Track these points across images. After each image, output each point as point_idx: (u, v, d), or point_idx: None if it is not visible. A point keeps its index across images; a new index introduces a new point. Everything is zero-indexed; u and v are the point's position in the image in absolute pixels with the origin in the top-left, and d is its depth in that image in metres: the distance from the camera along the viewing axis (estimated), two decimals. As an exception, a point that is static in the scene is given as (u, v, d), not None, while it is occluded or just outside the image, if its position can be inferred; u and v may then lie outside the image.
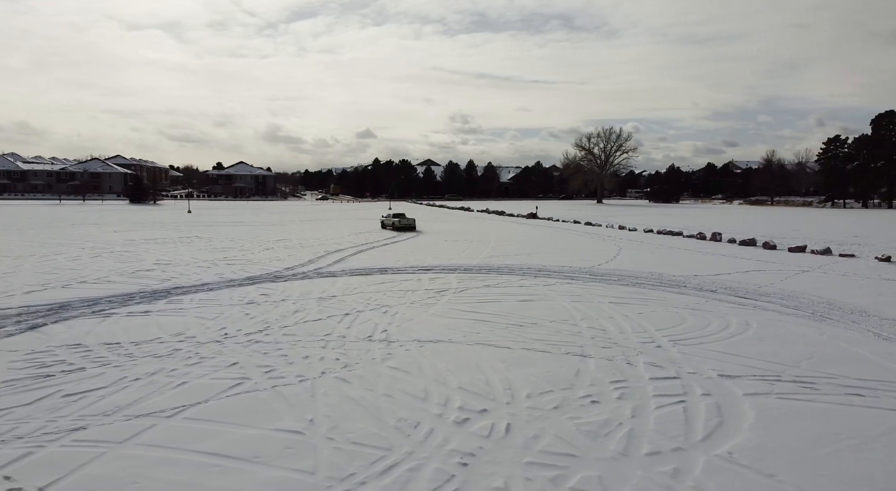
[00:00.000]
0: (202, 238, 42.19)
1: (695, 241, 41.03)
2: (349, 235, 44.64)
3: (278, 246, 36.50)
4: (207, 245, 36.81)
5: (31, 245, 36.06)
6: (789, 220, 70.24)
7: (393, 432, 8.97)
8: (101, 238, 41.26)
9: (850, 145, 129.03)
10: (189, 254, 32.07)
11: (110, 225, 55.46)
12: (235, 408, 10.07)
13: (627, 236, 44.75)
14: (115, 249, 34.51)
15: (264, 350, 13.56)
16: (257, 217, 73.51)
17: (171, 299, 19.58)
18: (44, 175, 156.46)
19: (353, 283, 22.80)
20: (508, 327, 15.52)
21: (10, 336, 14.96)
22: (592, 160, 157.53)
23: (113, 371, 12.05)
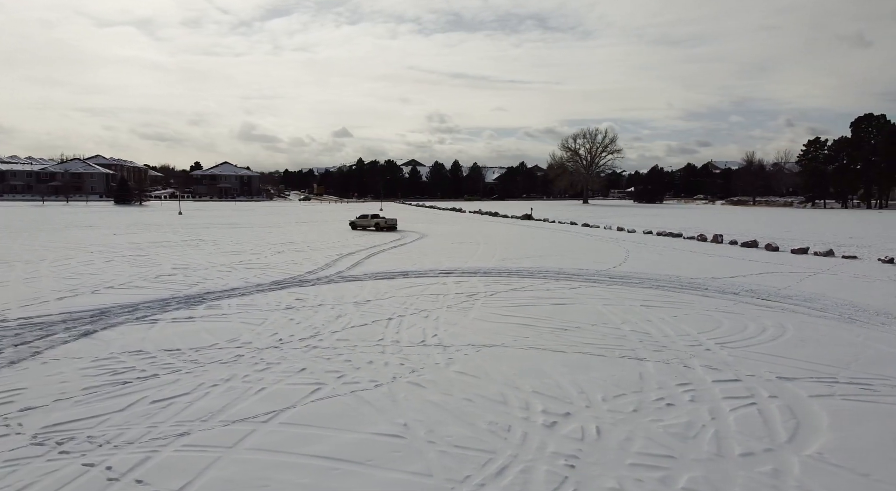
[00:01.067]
0: (206, 241, 42.21)
1: (697, 242, 41.93)
2: (353, 238, 44.90)
3: (288, 249, 36.70)
4: (217, 249, 36.90)
5: (35, 249, 35.90)
6: (777, 220, 71.72)
7: (489, 436, 9.41)
8: (103, 241, 41.12)
9: (829, 147, 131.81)
10: (203, 258, 32.18)
11: (105, 228, 55.10)
12: (324, 412, 10.44)
13: (629, 238, 45.56)
14: (123, 252, 34.49)
15: (326, 355, 13.92)
16: (250, 218, 73.41)
17: (208, 305, 19.82)
18: (23, 175, 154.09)
19: (381, 287, 23.17)
20: (554, 331, 16.02)
21: (65, 343, 15.16)
22: (578, 161, 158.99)
23: (187, 378, 12.35)
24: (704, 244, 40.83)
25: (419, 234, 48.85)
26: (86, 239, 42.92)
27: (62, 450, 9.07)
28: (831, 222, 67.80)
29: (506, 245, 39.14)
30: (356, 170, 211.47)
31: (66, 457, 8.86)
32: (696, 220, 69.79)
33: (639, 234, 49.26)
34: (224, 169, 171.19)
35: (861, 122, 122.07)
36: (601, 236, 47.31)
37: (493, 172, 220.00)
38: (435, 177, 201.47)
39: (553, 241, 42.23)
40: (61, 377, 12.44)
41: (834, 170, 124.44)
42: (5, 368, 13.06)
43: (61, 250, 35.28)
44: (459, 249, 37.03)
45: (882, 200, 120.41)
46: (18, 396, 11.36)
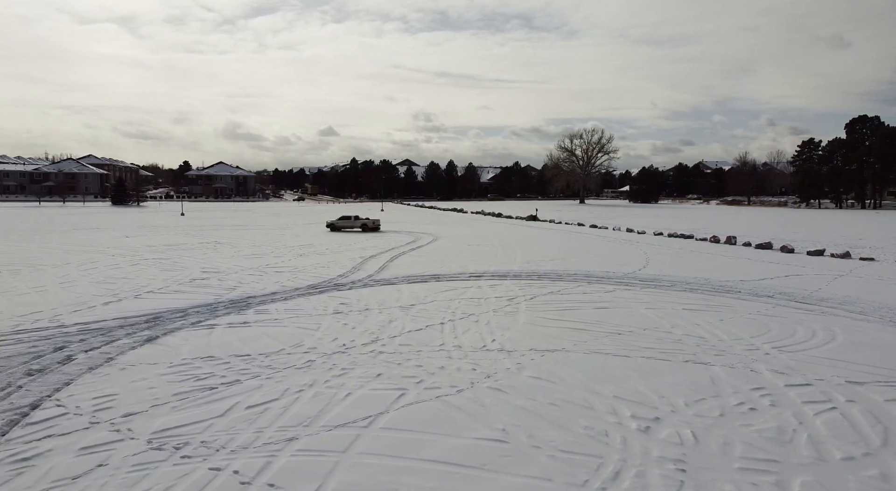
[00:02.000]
0: (223, 244, 42.37)
1: (710, 244, 42.52)
2: (368, 240, 45.17)
3: (308, 252, 36.94)
4: (236, 252, 37.09)
5: (54, 252, 35.99)
6: (779, 220, 72.55)
7: (589, 440, 9.80)
8: (118, 244, 41.20)
9: (823, 148, 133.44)
10: (227, 261, 32.39)
11: (113, 229, 55.10)
12: (419, 418, 10.79)
13: (642, 240, 46.09)
14: (145, 256, 34.64)
15: (395, 361, 14.27)
16: (255, 220, 73.45)
17: (257, 310, 20.12)
18: (16, 176, 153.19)
19: (418, 291, 23.51)
20: (608, 335, 16.44)
21: (133, 348, 15.44)
22: (574, 161, 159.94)
23: (269, 383, 12.67)
24: (719, 246, 41.43)
25: (431, 236, 49.19)
26: (99, 241, 42.99)
27: (183, 455, 9.38)
28: (833, 223, 68.75)
29: (523, 248, 39.56)
30: (350, 170, 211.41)
31: (189, 461, 9.17)
32: (699, 221, 70.52)
33: (649, 236, 49.83)
34: (219, 169, 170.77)
35: (855, 123, 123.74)
36: (613, 238, 47.84)
37: (487, 172, 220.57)
38: (430, 177, 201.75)
39: (568, 244, 42.70)
40: (146, 383, 12.72)
41: (829, 170, 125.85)
42: (87, 375, 13.33)
43: (81, 253, 35.38)
44: (478, 251, 37.41)
45: (876, 201, 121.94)
46: (114, 401, 11.64)
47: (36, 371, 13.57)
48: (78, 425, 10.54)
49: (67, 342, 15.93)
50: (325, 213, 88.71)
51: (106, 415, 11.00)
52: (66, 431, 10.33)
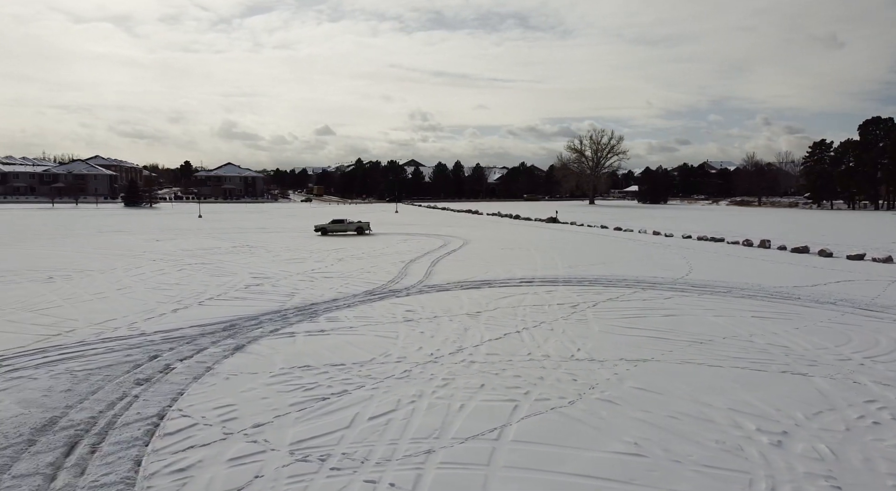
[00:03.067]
0: (256, 247, 42.60)
1: (743, 248, 42.67)
2: (402, 244, 45.34)
3: (346, 256, 37.13)
4: (274, 256, 37.30)
5: (93, 256, 36.23)
6: (798, 222, 72.44)
7: (726, 455, 10.00)
8: (152, 248, 41.43)
9: (836, 149, 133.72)
10: (271, 265, 32.61)
11: (138, 232, 55.31)
12: (544, 431, 11.01)
13: (673, 243, 46.23)
14: (186, 260, 34.86)
15: (492, 371, 14.49)
16: (275, 221, 73.49)
17: (327, 317, 20.36)
18: (26, 177, 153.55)
19: (477, 298, 23.71)
20: (691, 345, 16.65)
21: (225, 358, 15.68)
22: (584, 162, 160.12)
23: (377, 393, 12.90)
24: (753, 249, 41.59)
25: (461, 239, 49.34)
26: (131, 245, 43.19)
27: (332, 466, 9.62)
28: (854, 225, 68.86)
29: (559, 251, 39.73)
30: (355, 170, 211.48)
31: (341, 473, 9.42)
32: (718, 223, 70.51)
33: (678, 239, 49.98)
34: (228, 170, 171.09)
35: (869, 125, 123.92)
36: (643, 241, 47.99)
37: (494, 172, 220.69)
38: (438, 177, 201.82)
39: (602, 248, 42.87)
40: (257, 393, 12.94)
41: (842, 171, 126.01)
42: (194, 384, 13.57)
43: (121, 258, 35.60)
44: (515, 255, 37.60)
45: (890, 202, 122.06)
46: (235, 411, 11.88)
47: (143, 380, 13.81)
48: (214, 436, 10.77)
49: (158, 351, 16.17)
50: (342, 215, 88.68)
51: (235, 425, 11.22)
52: (206, 441, 10.56)
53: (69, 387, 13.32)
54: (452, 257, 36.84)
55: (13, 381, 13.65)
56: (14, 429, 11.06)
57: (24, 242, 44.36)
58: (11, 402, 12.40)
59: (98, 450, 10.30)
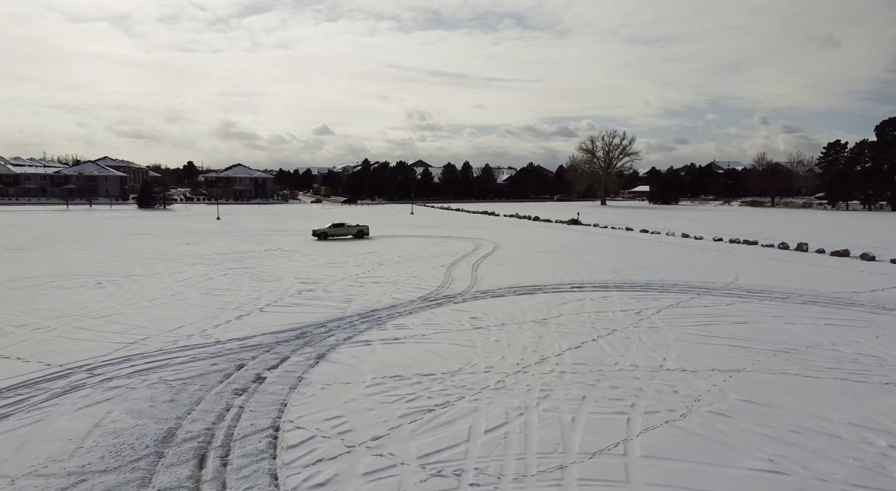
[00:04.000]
0: (289, 251, 42.60)
1: (780, 251, 42.56)
2: (434, 247, 45.28)
3: (385, 261, 37.14)
4: (312, 260, 37.34)
5: (131, 261, 36.31)
6: (821, 224, 71.87)
7: (872, 474, 9.99)
8: (188, 252, 41.49)
9: (851, 150, 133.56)
10: (314, 270, 32.64)
11: (163, 235, 55.33)
12: (668, 446, 11.02)
13: (708, 246, 46.10)
14: (226, 265, 34.91)
15: (587, 381, 14.50)
16: (292, 223, 73.19)
17: (393, 324, 20.42)
18: (37, 179, 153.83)
19: (535, 304, 23.73)
20: (777, 354, 16.65)
21: (312, 367, 15.74)
22: (596, 163, 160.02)
23: (482, 406, 12.93)
24: (791, 253, 41.50)
25: (490, 242, 49.27)
26: (163, 249, 43.23)
27: (471, 482, 9.65)
28: (878, 226, 68.60)
29: (595, 255, 39.69)
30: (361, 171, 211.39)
31: (482, 489, 9.40)
32: (741, 224, 70.15)
33: (708, 241, 49.86)
34: (238, 171, 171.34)
35: (886, 125, 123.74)
36: (675, 244, 47.90)
37: (502, 173, 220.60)
38: (447, 178, 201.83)
39: (636, 250, 42.80)
40: (360, 404, 12.98)
41: (859, 172, 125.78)
42: (293, 395, 13.63)
43: (160, 262, 35.67)
44: (552, 259, 37.58)
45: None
46: (347, 423, 11.94)
47: (240, 390, 13.87)
48: (337, 449, 10.82)
49: (241, 360, 16.22)
50: (358, 217, 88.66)
51: (353, 437, 11.27)
52: (332, 454, 10.62)
53: (170, 397, 13.37)
54: (490, 261, 36.82)
55: (113, 390, 13.71)
56: (137, 440, 11.12)
57: (55, 246, 44.49)
58: (120, 412, 12.45)
59: (229, 463, 10.35)
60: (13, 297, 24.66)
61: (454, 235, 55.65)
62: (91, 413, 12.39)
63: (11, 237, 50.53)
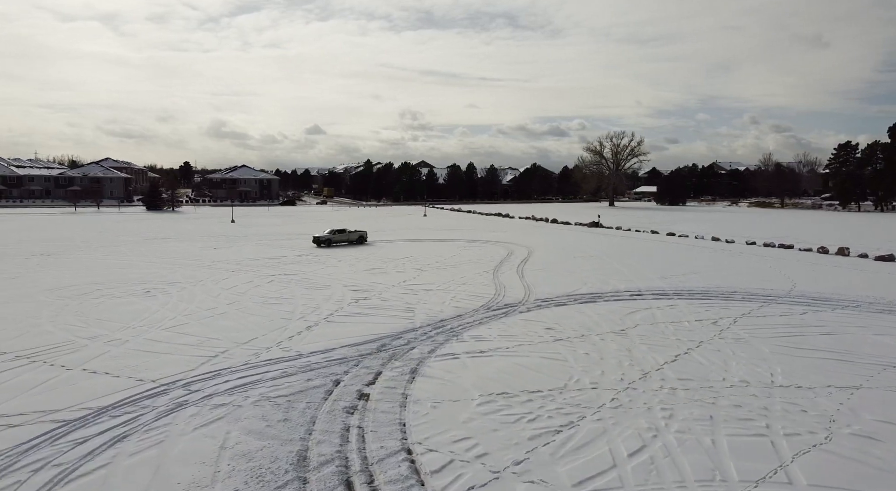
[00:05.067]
0: (319, 255, 42.21)
1: (821, 255, 42.28)
2: (462, 252, 44.88)
3: (425, 266, 36.76)
4: (350, 266, 36.97)
5: (166, 267, 35.95)
6: (844, 226, 70.98)
7: None
8: (220, 258, 41.10)
9: (863, 151, 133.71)
10: (358, 277, 32.27)
11: (185, 239, 54.86)
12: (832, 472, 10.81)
13: (745, 250, 45.73)
14: (264, 271, 34.54)
15: (705, 399, 14.20)
16: (308, 226, 71.89)
17: (470, 335, 20.08)
18: (41, 180, 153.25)
19: (603, 313, 23.48)
20: (886, 368, 16.47)
21: (409, 382, 15.38)
22: (604, 164, 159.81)
23: (609, 426, 12.62)
24: (833, 257, 41.22)
25: (520, 246, 48.89)
26: (194, 254, 42.82)
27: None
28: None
29: (635, 259, 39.38)
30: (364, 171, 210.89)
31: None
32: (763, 226, 69.49)
33: (741, 245, 49.56)
34: (243, 172, 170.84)
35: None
36: (710, 247, 47.56)
37: (506, 173, 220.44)
38: (452, 179, 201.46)
39: (674, 255, 42.47)
40: (482, 424, 12.67)
41: (873, 173, 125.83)
42: (405, 413, 13.33)
43: (198, 268, 35.27)
44: (593, 265, 37.28)
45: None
46: (479, 447, 11.61)
47: (350, 409, 13.57)
48: (484, 475, 10.60)
49: (334, 375, 15.92)
50: (370, 218, 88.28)
51: (494, 462, 11.04)
52: (482, 481, 10.38)
53: (283, 416, 13.04)
54: (532, 267, 36.44)
55: (220, 409, 13.36)
56: (272, 463, 10.82)
57: (82, 251, 44.07)
58: (240, 432, 12.11)
59: (379, 490, 9.96)
60: (68, 306, 24.27)
61: (479, 239, 55.26)
62: (210, 433, 12.04)
63: (32, 241, 50.08)
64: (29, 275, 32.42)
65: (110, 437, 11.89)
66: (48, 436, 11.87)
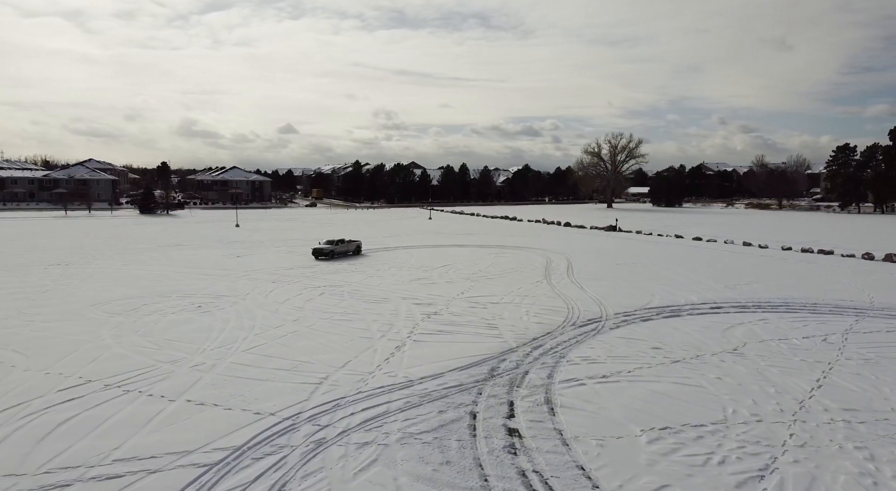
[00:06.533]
0: (354, 263, 40.90)
1: (868, 262, 41.61)
2: (494, 258, 43.73)
3: (471, 277, 35.61)
4: (393, 275, 35.76)
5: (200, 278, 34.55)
6: (861, 229, 70.57)
7: None
8: (248, 266, 39.81)
9: (862, 153, 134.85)
10: (410, 287, 31.07)
11: (198, 246, 53.20)
12: None
13: (788, 256, 44.99)
14: (308, 282, 33.28)
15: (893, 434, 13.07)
16: (317, 232, 70.38)
17: (577, 355, 19.04)
18: (24, 182, 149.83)
19: (698, 328, 22.71)
20: None
21: (550, 415, 14.25)
22: (602, 166, 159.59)
23: (810, 469, 11.68)
24: (880, 264, 40.60)
25: (556, 253, 47.77)
26: (220, 262, 41.38)
27: None
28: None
29: (684, 268, 38.52)
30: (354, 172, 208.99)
31: None
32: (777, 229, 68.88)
33: (777, 250, 48.89)
34: (234, 174, 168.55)
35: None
36: (752, 253, 46.79)
37: (499, 174, 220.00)
38: (446, 180, 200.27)
39: (722, 261, 41.67)
40: (671, 468, 11.61)
41: (874, 176, 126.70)
42: (574, 453, 12.12)
43: (234, 279, 33.90)
44: (643, 273, 36.46)
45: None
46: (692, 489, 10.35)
47: (510, 448, 12.38)
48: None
49: (462, 405, 14.76)
50: (371, 222, 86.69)
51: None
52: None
53: (442, 458, 11.86)
54: (582, 276, 35.37)
55: (366, 448, 12.18)
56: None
57: (99, 260, 42.53)
58: (409, 479, 10.86)
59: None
60: (124, 324, 22.84)
61: (504, 245, 54.11)
62: (377, 480, 11.02)
63: (41, 249, 48.17)
64: (59, 288, 30.80)
65: (268, 485, 10.58)
66: (200, 484, 10.53)
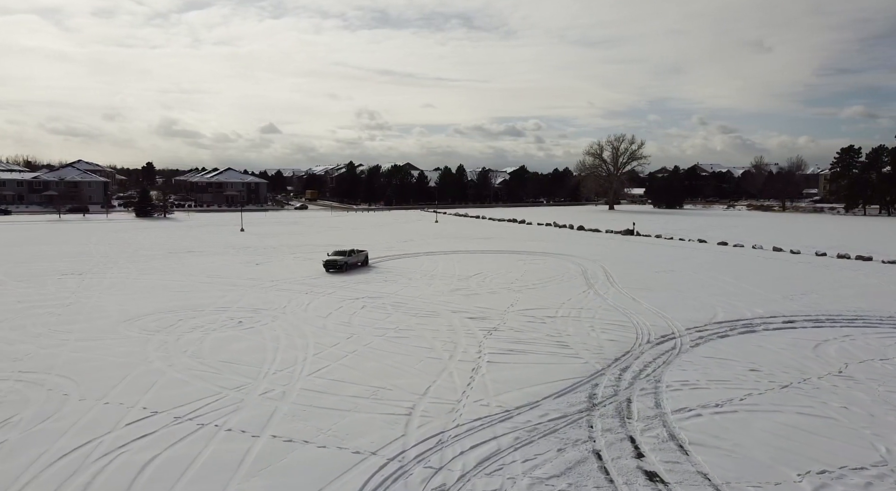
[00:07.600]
0: (382, 272, 39.48)
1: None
2: (524, 266, 42.38)
3: (511, 286, 34.34)
4: (427, 285, 34.44)
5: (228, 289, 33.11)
6: (874, 231, 69.64)
7: None
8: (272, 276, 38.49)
9: (868, 155, 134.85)
10: (457, 300, 29.82)
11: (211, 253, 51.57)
12: None
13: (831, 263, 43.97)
14: (343, 294, 31.95)
15: None
16: (325, 236, 68.65)
17: (669, 377, 17.54)
18: (13, 185, 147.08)
19: (783, 347, 21.73)
20: None
21: (684, 455, 12.79)
22: (604, 167, 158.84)
23: None
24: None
25: (589, 260, 46.37)
26: (241, 271, 39.94)
27: None
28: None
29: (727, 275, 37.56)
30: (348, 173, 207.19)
31: None
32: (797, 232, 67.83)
33: (810, 256, 47.94)
34: (230, 175, 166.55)
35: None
36: (788, 259, 45.78)
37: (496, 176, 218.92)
38: (443, 181, 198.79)
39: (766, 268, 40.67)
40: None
41: (880, 177, 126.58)
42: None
43: (264, 290, 32.54)
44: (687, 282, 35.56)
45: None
46: None
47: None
48: None
49: (578, 441, 13.37)
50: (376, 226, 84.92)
51: None
52: None
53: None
54: (628, 286, 34.20)
55: None
56: None
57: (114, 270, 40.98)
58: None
59: None
60: (167, 343, 21.39)
61: (527, 251, 52.67)
62: None
63: (48, 257, 46.46)
64: (82, 301, 29.22)
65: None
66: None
